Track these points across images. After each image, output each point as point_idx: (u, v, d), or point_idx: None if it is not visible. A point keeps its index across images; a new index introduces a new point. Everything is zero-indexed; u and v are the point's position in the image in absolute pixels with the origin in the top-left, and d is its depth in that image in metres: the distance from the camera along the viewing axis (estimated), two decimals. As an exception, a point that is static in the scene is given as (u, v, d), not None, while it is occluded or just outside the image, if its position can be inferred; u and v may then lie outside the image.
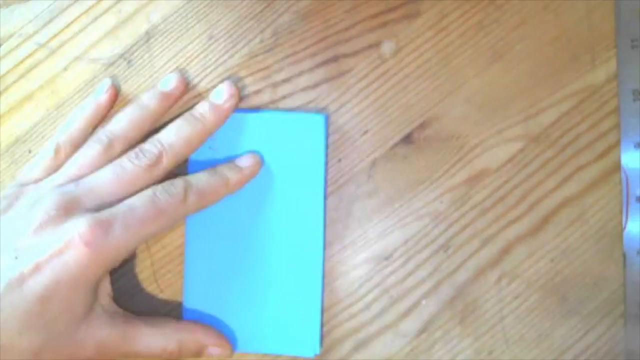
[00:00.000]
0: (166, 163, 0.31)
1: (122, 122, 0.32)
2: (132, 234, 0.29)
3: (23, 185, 0.31)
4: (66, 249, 0.28)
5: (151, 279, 0.34)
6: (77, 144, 0.33)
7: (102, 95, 0.34)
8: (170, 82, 0.34)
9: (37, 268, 0.28)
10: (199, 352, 0.32)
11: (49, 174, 0.32)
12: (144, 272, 0.34)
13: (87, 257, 0.28)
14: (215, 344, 0.32)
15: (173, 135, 0.32)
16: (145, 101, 0.33)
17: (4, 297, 0.27)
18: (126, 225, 0.28)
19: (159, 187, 0.30)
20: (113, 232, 0.28)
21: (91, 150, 0.31)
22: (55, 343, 0.28)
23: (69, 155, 0.32)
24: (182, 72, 0.35)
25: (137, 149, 0.31)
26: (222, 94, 0.33)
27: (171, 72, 0.35)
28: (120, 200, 0.30)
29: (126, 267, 0.34)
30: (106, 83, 0.34)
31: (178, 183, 0.30)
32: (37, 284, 0.27)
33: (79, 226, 0.28)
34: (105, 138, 0.31)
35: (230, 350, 0.32)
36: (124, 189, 0.30)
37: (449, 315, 0.33)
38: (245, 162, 0.33)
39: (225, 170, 0.32)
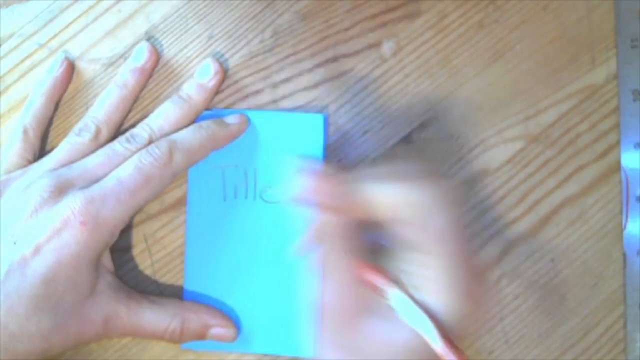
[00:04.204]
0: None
1: (104, 106, 0.33)
2: (125, 204, 0.29)
3: (6, 173, 0.31)
4: (63, 228, 0.28)
5: (151, 279, 0.34)
6: (43, 121, 0.34)
7: (57, 70, 0.34)
8: (141, 55, 0.34)
9: (37, 250, 0.28)
10: (202, 333, 0.31)
11: (25, 157, 0.32)
12: (144, 272, 0.34)
13: (85, 235, 0.28)
14: (220, 324, 0.32)
15: (161, 119, 0.32)
16: (122, 80, 0.33)
17: (7, 282, 0.27)
18: (118, 197, 0.29)
19: (143, 152, 0.30)
20: (106, 207, 0.28)
21: (80, 138, 0.32)
22: (63, 323, 0.29)
23: (37, 135, 0.33)
24: (149, 42, 0.35)
25: (127, 134, 0.32)
26: (207, 72, 0.33)
27: (171, 71, 0.35)
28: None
29: (126, 267, 0.34)
30: (60, 57, 0.35)
31: (162, 144, 0.30)
32: (39, 266, 0.28)
33: (73, 204, 0.28)
34: (92, 125, 0.32)
35: (234, 332, 0.32)
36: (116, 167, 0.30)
37: (449, 315, 0.33)
38: (232, 119, 0.33)
39: (211, 125, 0.32)
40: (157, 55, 0.34)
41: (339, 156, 0.34)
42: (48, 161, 0.31)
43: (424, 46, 0.34)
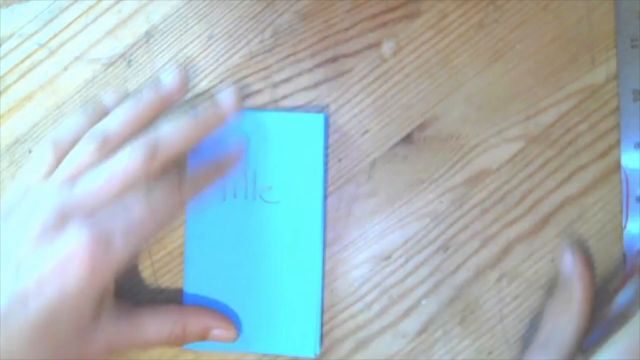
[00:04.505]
0: (162, 158, 0.29)
1: (119, 119, 0.31)
2: (133, 238, 0.28)
3: (26, 185, 0.30)
4: (69, 263, 0.27)
5: (151, 279, 0.34)
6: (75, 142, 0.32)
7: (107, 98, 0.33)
8: (171, 81, 0.32)
9: (40, 283, 0.27)
10: (204, 335, 0.32)
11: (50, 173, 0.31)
12: (144, 272, 0.34)
13: (91, 272, 0.27)
14: (220, 326, 0.32)
15: (170, 132, 0.30)
16: (145, 98, 0.31)
17: (9, 314, 0.27)
18: (126, 232, 0.28)
19: (151, 184, 0.29)
20: (114, 243, 0.27)
21: (86, 147, 0.30)
22: (65, 350, 0.28)
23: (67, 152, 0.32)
24: (185, 70, 0.34)
25: (132, 145, 0.30)
26: (227, 98, 0.32)
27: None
28: (117, 197, 0.29)
29: (126, 268, 0.34)
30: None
31: (172, 177, 0.30)
32: (41, 302, 0.27)
33: (79, 239, 0.27)
34: (100, 135, 0.30)
35: (235, 333, 0.32)
36: (120, 186, 0.29)
37: (449, 315, 0.33)
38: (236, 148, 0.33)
39: (214, 162, 0.32)
40: (186, 85, 0.32)
41: (339, 156, 0.34)
42: (56, 177, 0.30)
43: (424, 46, 0.34)
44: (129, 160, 0.29)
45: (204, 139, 0.31)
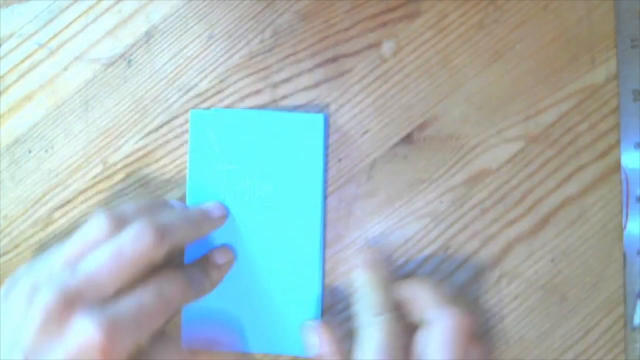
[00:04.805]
0: (168, 243, 0.29)
1: (138, 205, 0.30)
2: (145, 332, 0.27)
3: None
4: (79, 357, 0.25)
5: (151, 279, 0.34)
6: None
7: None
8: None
9: None
10: None
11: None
12: (144, 272, 0.34)
13: None
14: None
15: (177, 217, 0.30)
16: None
17: None
18: (138, 325, 0.27)
19: (163, 281, 0.29)
20: (126, 336, 0.26)
21: (97, 232, 0.28)
22: None
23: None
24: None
25: (132, 230, 0.28)
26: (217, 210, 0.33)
27: (171, 71, 0.35)
28: (122, 284, 0.27)
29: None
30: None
31: (178, 275, 0.30)
32: None
33: (90, 332, 0.26)
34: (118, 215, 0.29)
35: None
36: (124, 273, 0.27)
37: (449, 315, 0.33)
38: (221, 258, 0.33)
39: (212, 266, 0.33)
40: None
41: (339, 156, 0.34)
42: (56, 258, 0.28)
43: (424, 46, 0.34)
44: (134, 245, 0.28)
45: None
